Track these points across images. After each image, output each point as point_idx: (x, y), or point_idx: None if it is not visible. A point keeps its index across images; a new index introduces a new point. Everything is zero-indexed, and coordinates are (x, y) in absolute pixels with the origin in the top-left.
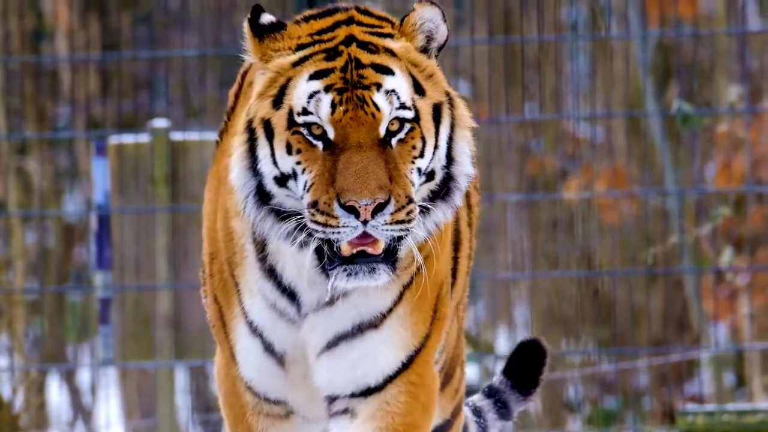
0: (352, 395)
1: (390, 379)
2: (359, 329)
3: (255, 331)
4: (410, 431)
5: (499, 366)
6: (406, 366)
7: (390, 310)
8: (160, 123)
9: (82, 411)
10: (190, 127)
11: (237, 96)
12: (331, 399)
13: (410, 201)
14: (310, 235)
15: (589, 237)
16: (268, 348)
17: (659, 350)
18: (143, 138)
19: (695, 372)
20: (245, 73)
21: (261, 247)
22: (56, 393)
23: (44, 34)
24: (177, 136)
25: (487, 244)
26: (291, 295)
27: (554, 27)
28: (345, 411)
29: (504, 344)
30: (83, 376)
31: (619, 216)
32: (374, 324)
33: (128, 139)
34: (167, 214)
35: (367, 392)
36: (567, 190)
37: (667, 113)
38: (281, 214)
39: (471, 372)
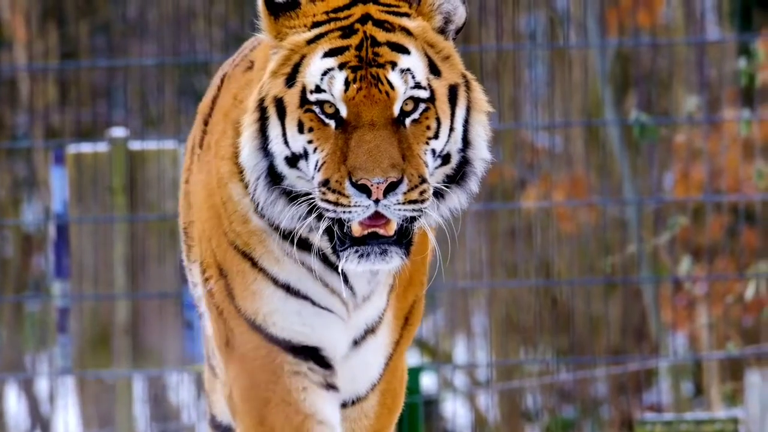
0: (342, 405)
1: (372, 388)
2: (365, 333)
3: (297, 293)
4: None
5: (458, 375)
6: (381, 374)
7: (383, 312)
8: (118, 132)
9: (40, 420)
10: (149, 136)
11: (214, 99)
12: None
13: (423, 181)
14: (320, 216)
15: (548, 246)
16: (320, 305)
17: (617, 359)
18: (101, 147)
19: (653, 381)
20: (223, 78)
21: (275, 222)
22: (14, 402)
23: (2, 44)
24: (135, 145)
25: (445, 254)
26: (344, 276)
27: (512, 36)
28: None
29: (462, 353)
30: (41, 385)
31: (577, 225)
32: (373, 329)
33: (86, 148)
34: (125, 224)
35: (351, 402)
36: (525, 200)
37: (625, 122)
38: (292, 196)
39: (429, 381)
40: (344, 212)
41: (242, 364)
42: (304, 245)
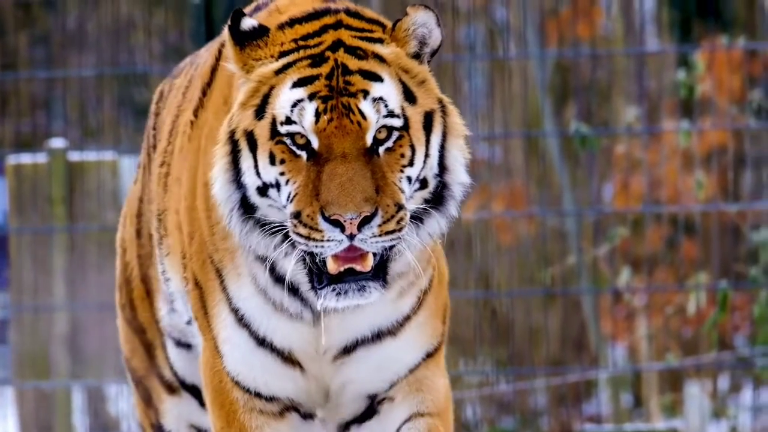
0: (389, 388)
1: (416, 367)
2: (378, 336)
3: (241, 320)
4: (447, 413)
5: None
6: (431, 355)
7: (408, 317)
8: (57, 143)
9: None
10: (88, 147)
11: (213, 70)
12: (371, 397)
13: (400, 208)
14: (294, 245)
15: (487, 257)
16: (262, 342)
17: (557, 370)
18: (41, 158)
19: (593, 392)
20: (220, 49)
21: (252, 251)
22: None
23: None
24: (74, 156)
25: None
26: (292, 289)
27: (452, 47)
28: (386, 399)
29: None
30: None
31: (516, 236)
32: (392, 331)
33: (26, 159)
34: (64, 234)
35: (398, 381)
36: (464, 211)
37: (564, 133)
38: (266, 227)
39: None
40: (317, 246)
41: (211, 385)
42: (277, 278)
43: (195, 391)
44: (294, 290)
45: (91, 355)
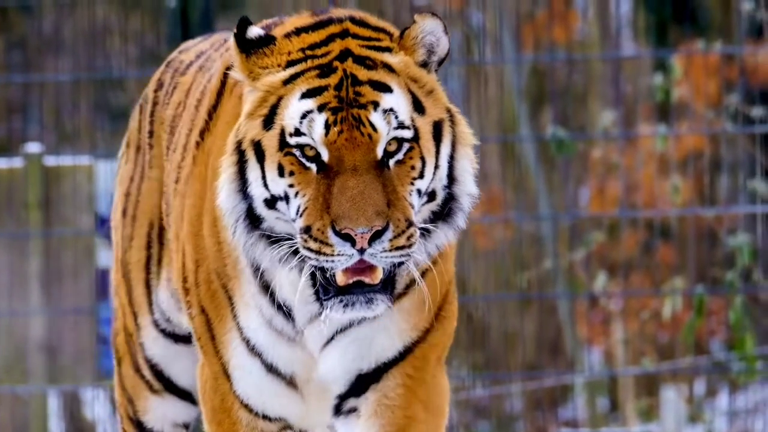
0: (354, 391)
1: (385, 369)
2: (350, 324)
3: (253, 349)
4: (411, 425)
5: None
6: (402, 356)
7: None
8: (33, 147)
9: None
10: (64, 152)
11: (219, 94)
12: (341, 398)
13: (410, 225)
14: (303, 260)
15: (463, 262)
16: (271, 368)
17: (533, 375)
18: (17, 163)
19: (569, 396)
20: (227, 70)
21: (256, 263)
22: None
23: None
24: (50, 160)
25: None
26: (287, 313)
27: None
28: (352, 410)
29: None
30: None
31: (492, 241)
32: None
33: (2, 163)
34: (40, 239)
35: (363, 383)
36: None
37: (541, 138)
38: (272, 239)
39: None
40: (327, 261)
41: (211, 403)
42: (266, 289)
43: (182, 394)
44: (287, 314)
45: (67, 360)
